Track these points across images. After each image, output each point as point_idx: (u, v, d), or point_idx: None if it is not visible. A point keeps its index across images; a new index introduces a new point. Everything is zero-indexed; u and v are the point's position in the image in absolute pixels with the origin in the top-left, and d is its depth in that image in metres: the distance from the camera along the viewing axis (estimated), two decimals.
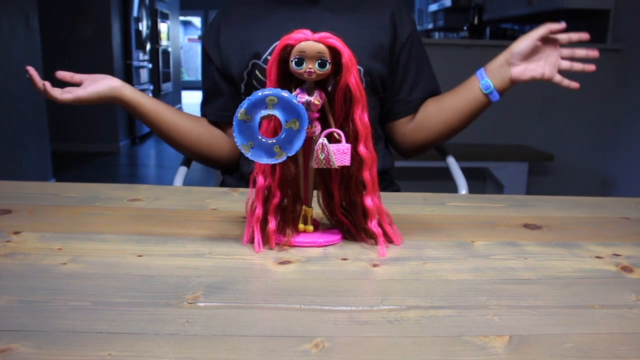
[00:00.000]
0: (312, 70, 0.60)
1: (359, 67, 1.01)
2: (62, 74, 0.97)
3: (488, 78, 1.00)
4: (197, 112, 1.17)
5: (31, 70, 0.91)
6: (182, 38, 11.18)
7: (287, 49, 0.61)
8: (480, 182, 3.14)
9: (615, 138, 3.16)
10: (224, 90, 1.09)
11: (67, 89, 0.95)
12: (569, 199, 0.93)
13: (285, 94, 0.59)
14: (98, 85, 0.97)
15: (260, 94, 0.59)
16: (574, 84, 0.98)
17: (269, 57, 0.98)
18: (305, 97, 0.62)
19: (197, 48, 13.50)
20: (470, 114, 1.05)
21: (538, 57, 0.98)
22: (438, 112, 1.09)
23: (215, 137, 1.10)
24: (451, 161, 1.25)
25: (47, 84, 0.92)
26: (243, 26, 1.06)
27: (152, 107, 1.04)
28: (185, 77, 13.07)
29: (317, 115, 0.63)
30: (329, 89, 0.64)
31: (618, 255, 0.66)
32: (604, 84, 3.12)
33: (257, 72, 1.03)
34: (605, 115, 3.16)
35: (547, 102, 3.11)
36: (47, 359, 0.40)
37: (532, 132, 3.13)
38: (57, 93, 0.93)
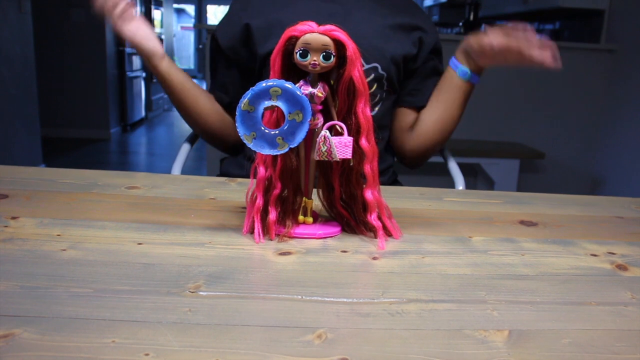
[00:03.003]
0: (316, 62, 0.60)
1: (382, 72, 1.03)
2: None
3: (462, 65, 1.02)
4: None
5: None
6: (176, 26, 11.09)
7: (291, 41, 0.61)
8: (472, 178, 3.16)
9: (606, 138, 3.19)
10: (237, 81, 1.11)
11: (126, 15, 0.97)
12: (564, 197, 0.94)
13: (289, 85, 0.59)
14: (145, 39, 1.00)
15: (264, 84, 0.59)
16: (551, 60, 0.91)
17: None
18: (309, 89, 0.62)
19: (190, 36, 13.40)
20: (458, 103, 1.06)
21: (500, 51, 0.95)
22: (429, 113, 1.10)
23: (230, 122, 1.13)
24: (448, 157, 1.25)
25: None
26: (265, 20, 1.05)
27: (180, 82, 1.07)
28: (178, 65, 12.96)
29: (319, 107, 0.63)
30: (332, 81, 0.64)
31: (613, 253, 0.67)
32: (596, 83, 3.15)
33: None
34: (597, 114, 3.18)
35: (540, 100, 3.13)
36: (51, 345, 0.40)
37: (524, 129, 3.15)
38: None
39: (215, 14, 12.41)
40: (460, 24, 4.18)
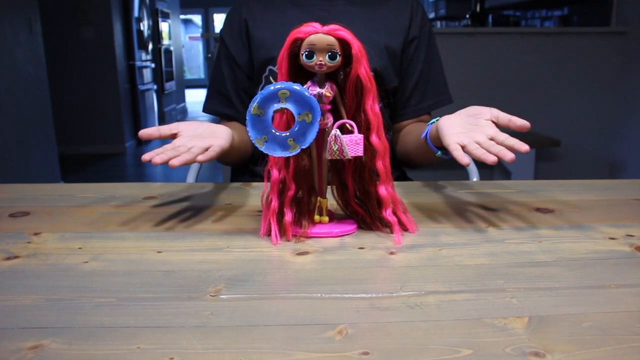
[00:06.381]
0: (322, 62, 0.60)
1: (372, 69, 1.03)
2: (146, 133, 0.72)
3: (436, 147, 0.83)
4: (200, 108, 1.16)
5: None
6: (184, 37, 11.19)
7: (297, 43, 0.61)
8: (488, 169, 3.14)
9: (622, 122, 3.15)
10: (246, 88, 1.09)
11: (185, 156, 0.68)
12: (579, 182, 0.93)
13: (297, 87, 0.60)
14: (213, 150, 0.73)
15: (272, 87, 0.60)
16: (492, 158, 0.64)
17: None
18: (317, 90, 0.62)
19: (199, 46, 13.50)
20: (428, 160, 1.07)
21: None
22: (405, 146, 1.09)
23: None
24: None
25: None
26: (259, 28, 1.06)
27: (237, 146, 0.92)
28: (188, 76, 13.08)
29: (328, 107, 0.64)
30: (340, 80, 0.64)
31: (631, 235, 0.67)
32: (608, 67, 3.11)
33: (271, 78, 1.04)
34: (611, 99, 3.15)
35: (552, 87, 3.10)
36: (79, 354, 0.41)
37: (539, 118, 3.12)
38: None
39: (222, 23, 12.49)
40: (468, 16, 4.17)
